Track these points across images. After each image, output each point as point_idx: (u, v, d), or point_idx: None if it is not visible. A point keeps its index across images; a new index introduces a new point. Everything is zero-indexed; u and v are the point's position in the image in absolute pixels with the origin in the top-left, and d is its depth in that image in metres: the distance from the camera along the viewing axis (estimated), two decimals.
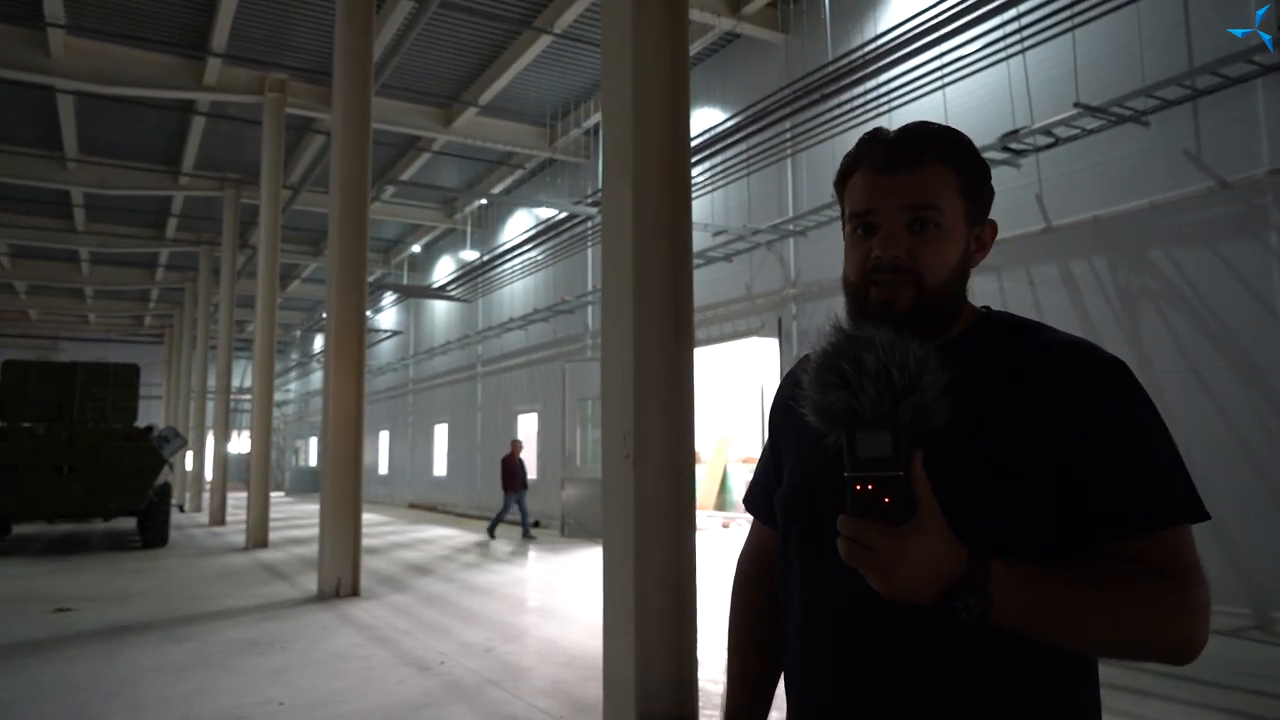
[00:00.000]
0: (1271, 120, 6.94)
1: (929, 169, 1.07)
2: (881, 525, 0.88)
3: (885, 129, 1.15)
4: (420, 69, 13.91)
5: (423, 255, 25.19)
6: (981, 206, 1.12)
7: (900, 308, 1.05)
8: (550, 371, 17.78)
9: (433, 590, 9.11)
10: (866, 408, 0.91)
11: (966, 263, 1.11)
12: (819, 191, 11.07)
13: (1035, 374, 1.04)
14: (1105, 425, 1.00)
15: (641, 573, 3.68)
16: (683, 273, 3.92)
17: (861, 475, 0.89)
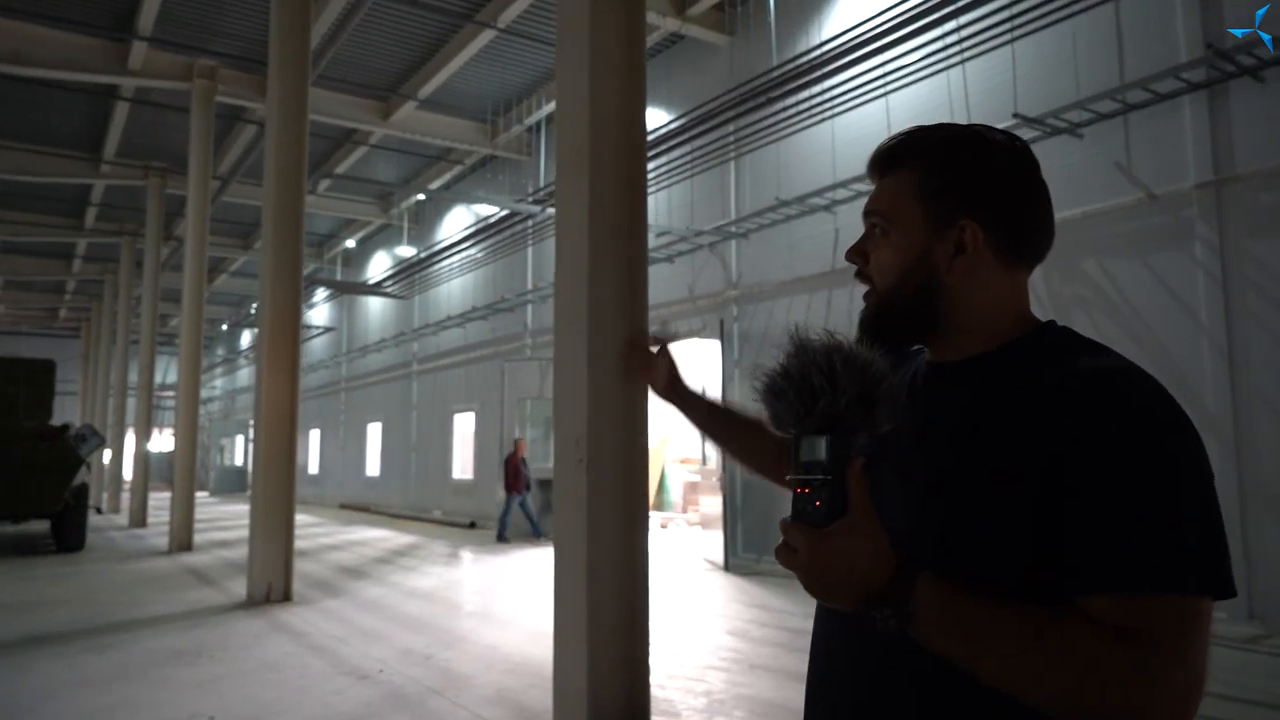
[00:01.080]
0: (1197, 136, 7.19)
1: (890, 175, 1.07)
2: (804, 526, 0.90)
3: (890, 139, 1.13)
4: (358, 60, 13.58)
5: (357, 250, 24.66)
6: (949, 205, 1.02)
7: (864, 315, 1.08)
8: (488, 370, 17.56)
9: (368, 594, 8.89)
10: (784, 411, 0.92)
11: (930, 268, 1.02)
12: (762, 194, 11.14)
13: (1048, 400, 0.92)
14: (1100, 471, 0.86)
15: (594, 582, 3.61)
16: (638, 275, 3.86)
17: (799, 479, 0.91)
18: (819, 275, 10.54)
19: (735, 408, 1.58)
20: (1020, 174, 1.05)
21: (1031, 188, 1.06)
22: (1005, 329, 1.03)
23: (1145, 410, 0.90)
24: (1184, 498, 0.86)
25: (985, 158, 1.04)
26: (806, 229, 10.70)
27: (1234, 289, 6.95)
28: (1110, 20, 7.67)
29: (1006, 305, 1.04)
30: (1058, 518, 0.88)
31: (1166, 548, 0.84)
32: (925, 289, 1.03)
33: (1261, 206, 6.85)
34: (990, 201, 1.03)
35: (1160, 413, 0.90)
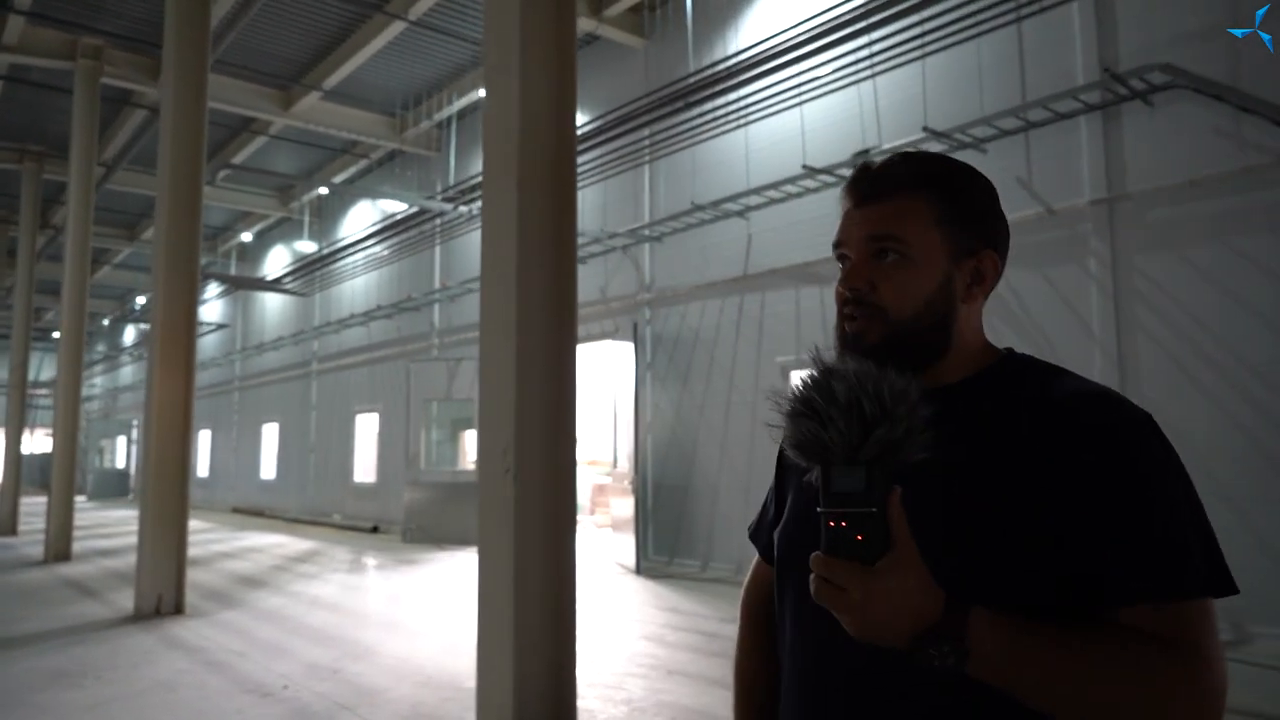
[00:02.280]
0: (1093, 154, 7.55)
1: (896, 199, 1.04)
2: (851, 564, 0.85)
3: (873, 160, 1.11)
4: (260, 46, 13.03)
5: (254, 244, 23.69)
6: (972, 235, 1.05)
7: (868, 340, 1.03)
8: (393, 370, 17.11)
9: (268, 605, 8.51)
10: (835, 439, 0.87)
11: (950, 296, 1.04)
12: (676, 198, 11.17)
13: (1052, 421, 0.96)
14: (1121, 483, 0.92)
15: (522, 595, 3.52)
16: (567, 282, 3.79)
17: (834, 511, 0.86)
18: (732, 280, 10.64)
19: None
20: (1001, 210, 1.11)
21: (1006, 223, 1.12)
22: (981, 354, 1.09)
23: (1141, 426, 0.96)
24: (1187, 505, 0.93)
25: (990, 191, 1.09)
26: (720, 234, 10.79)
27: (1124, 302, 7.33)
28: (1014, 41, 7.97)
29: (979, 331, 1.11)
30: (1081, 535, 0.91)
31: (1188, 555, 0.90)
32: (945, 316, 1.05)
33: (1150, 224, 7.23)
34: (999, 233, 1.08)
35: (1150, 428, 0.96)
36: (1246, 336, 6.66)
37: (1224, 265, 6.80)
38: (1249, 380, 6.66)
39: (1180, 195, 7.03)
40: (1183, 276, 7.01)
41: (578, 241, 12.01)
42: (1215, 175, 6.82)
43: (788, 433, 0.93)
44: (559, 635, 3.63)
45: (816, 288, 9.68)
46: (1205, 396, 6.86)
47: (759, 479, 10.18)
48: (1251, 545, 6.52)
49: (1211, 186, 6.85)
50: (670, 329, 11.54)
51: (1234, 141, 6.75)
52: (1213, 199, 6.86)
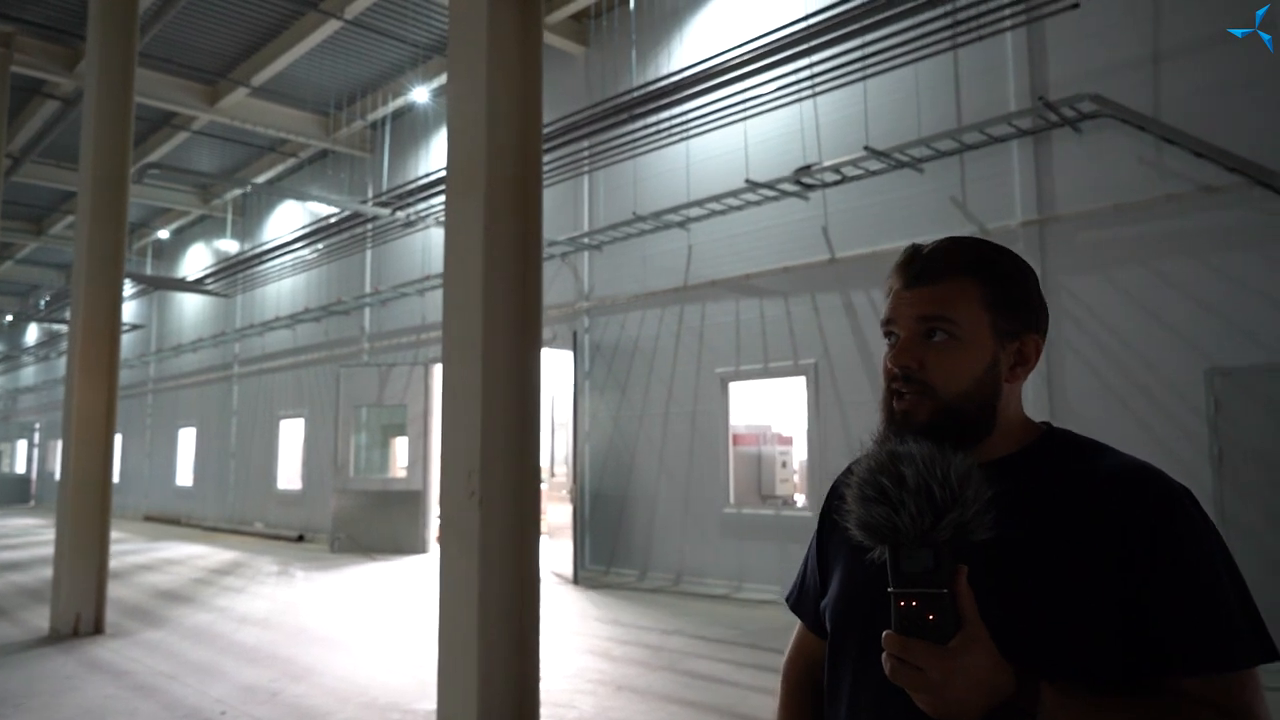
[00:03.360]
0: (1024, 177, 7.84)
1: (947, 281, 1.09)
2: (927, 644, 0.88)
3: (922, 245, 1.15)
4: (186, 40, 12.57)
5: (172, 242, 22.82)
6: (1017, 319, 1.10)
7: (918, 419, 1.06)
8: (320, 375, 16.69)
9: (195, 622, 8.20)
10: (908, 524, 0.91)
11: (996, 376, 1.08)
12: (617, 207, 11.19)
13: (1099, 498, 1.01)
14: (1171, 558, 0.97)
15: (486, 621, 3.47)
16: (532, 305, 3.75)
17: (906, 591, 0.89)
18: (672, 290, 10.70)
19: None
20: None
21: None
22: (1023, 431, 1.13)
23: (1182, 501, 1.01)
24: (1230, 575, 0.99)
25: (1031, 277, 1.13)
26: (661, 244, 10.84)
27: (1053, 319, 7.61)
28: (950, 66, 8.22)
29: (1020, 409, 1.15)
30: (1137, 609, 0.96)
31: (1239, 628, 0.97)
32: (991, 396, 1.08)
33: (1078, 245, 7.54)
34: (1041, 317, 1.13)
35: (1191, 503, 1.02)
36: (1165, 355, 7.00)
37: (1146, 287, 7.13)
38: (1167, 396, 7.00)
39: (1106, 219, 7.35)
40: (1108, 297, 7.33)
41: None
42: (1139, 202, 7.16)
43: (856, 514, 0.95)
44: (523, 662, 3.59)
45: (756, 300, 9.80)
46: (1127, 411, 7.19)
47: (697, 489, 10.26)
48: None
49: (1135, 212, 7.18)
50: (609, 338, 11.54)
51: (1156, 170, 7.10)
52: (1136, 224, 7.20)
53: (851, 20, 7.75)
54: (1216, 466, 6.68)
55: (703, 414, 10.33)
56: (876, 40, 7.80)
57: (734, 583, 9.69)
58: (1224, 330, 6.72)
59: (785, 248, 9.57)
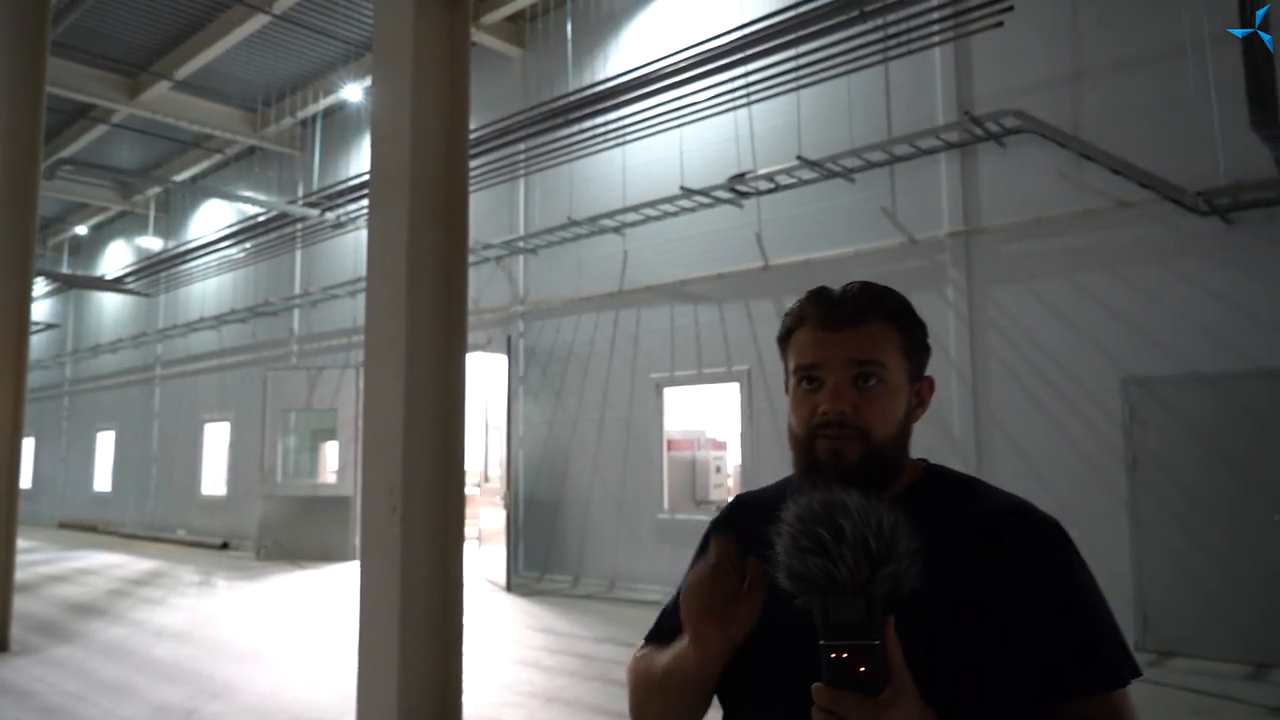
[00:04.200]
0: (951, 189, 8.02)
1: (871, 326, 1.12)
2: (858, 697, 0.88)
3: (830, 288, 1.16)
4: (103, 29, 12.11)
5: (90, 239, 21.97)
6: (919, 365, 1.16)
7: (848, 461, 1.08)
8: (247, 377, 16.24)
9: (108, 637, 7.88)
10: (845, 576, 0.90)
11: (909, 419, 1.14)
12: (552, 211, 11.12)
13: (989, 537, 1.08)
14: (1058, 590, 1.05)
15: (407, 635, 3.39)
16: (457, 316, 3.69)
17: (837, 643, 0.89)
18: (607, 295, 10.67)
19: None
20: None
21: None
22: (911, 466, 1.18)
23: (1062, 535, 1.10)
24: (1104, 603, 1.08)
25: (922, 322, 1.19)
26: (596, 249, 10.81)
27: (978, 328, 7.80)
28: (881, 79, 8.36)
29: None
30: (1035, 642, 1.02)
31: (1121, 648, 1.06)
32: (906, 438, 1.15)
33: (1002, 257, 7.74)
34: (926, 363, 1.20)
35: (1066, 536, 1.11)
36: (1084, 364, 7.22)
37: (1066, 298, 7.35)
38: (1085, 405, 7.22)
39: (1028, 232, 7.55)
40: (1030, 307, 7.54)
41: None
42: (1059, 215, 7.37)
43: (789, 564, 0.93)
44: (445, 679, 3.53)
45: (691, 306, 9.84)
46: (1046, 417, 7.39)
47: (631, 496, 10.25)
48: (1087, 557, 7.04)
49: (1056, 225, 7.40)
50: (544, 342, 11.47)
51: (1075, 185, 7.32)
52: (1057, 237, 7.41)
53: (786, 30, 7.82)
54: (1131, 473, 6.91)
55: (637, 419, 10.32)
56: (810, 51, 7.89)
57: (668, 588, 9.68)
58: (1138, 341, 6.96)
59: (720, 254, 9.62)
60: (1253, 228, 6.57)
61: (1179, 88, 6.82)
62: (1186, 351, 6.73)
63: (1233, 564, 6.45)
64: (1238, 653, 6.34)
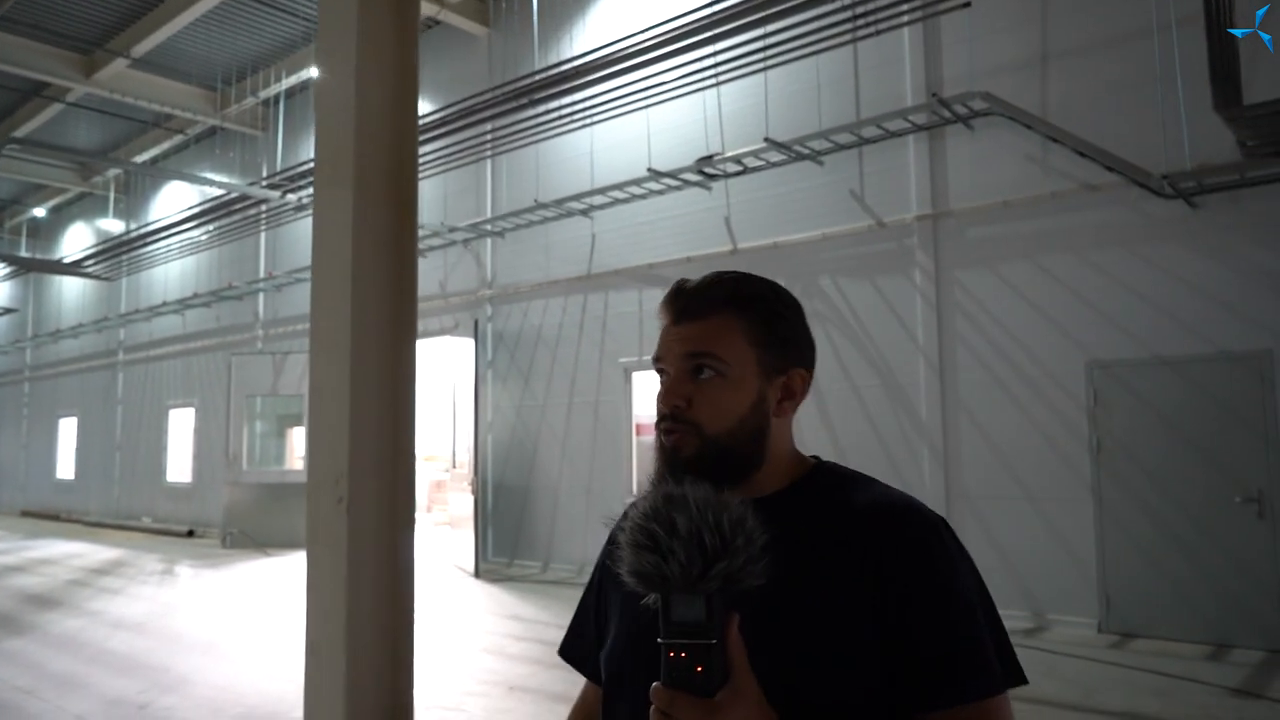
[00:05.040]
0: (919, 172, 7.96)
1: (712, 318, 1.08)
2: (692, 697, 0.85)
3: (687, 281, 1.13)
4: (56, 4, 11.74)
5: (49, 221, 21.47)
6: (783, 355, 1.10)
7: (684, 454, 1.06)
8: (212, 362, 15.98)
9: (63, 629, 7.71)
10: (676, 572, 0.87)
11: (763, 412, 1.08)
12: (520, 194, 10.96)
13: (855, 534, 1.02)
14: (926, 594, 0.99)
15: (354, 636, 3.28)
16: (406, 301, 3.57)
17: (675, 642, 0.86)
18: (575, 279, 10.56)
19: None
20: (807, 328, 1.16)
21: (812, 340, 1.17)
22: (793, 464, 1.12)
23: (937, 534, 1.03)
24: (982, 607, 1.02)
25: (798, 313, 1.13)
26: (564, 232, 10.68)
27: (945, 313, 7.78)
28: (850, 61, 8.28)
29: (791, 442, 1.15)
30: (894, 647, 0.97)
31: (990, 658, 0.99)
32: (758, 432, 1.08)
33: (968, 240, 7.71)
34: (806, 354, 1.13)
35: (947, 534, 1.04)
36: (1049, 348, 7.22)
37: (1031, 282, 7.34)
38: (1049, 387, 7.23)
39: (995, 215, 7.53)
40: (997, 291, 7.52)
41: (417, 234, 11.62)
42: (1026, 198, 7.35)
43: (627, 561, 0.90)
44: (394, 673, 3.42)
45: (659, 290, 9.68)
46: (1012, 401, 7.40)
47: (600, 481, 10.18)
48: (1046, 536, 7.09)
49: (1022, 208, 7.37)
50: (512, 326, 11.34)
51: (1042, 168, 7.29)
52: (1023, 220, 7.39)
53: (754, 9, 7.71)
54: (1095, 457, 6.93)
55: (606, 404, 10.24)
56: (778, 30, 7.79)
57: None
58: (1102, 325, 6.96)
59: (688, 238, 9.53)
60: (1216, 211, 6.58)
61: (1145, 70, 6.80)
62: (1150, 335, 6.74)
63: (1194, 546, 6.50)
64: (1198, 634, 6.39)
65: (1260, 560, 6.26)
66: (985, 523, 7.36)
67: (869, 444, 8.02)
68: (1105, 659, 6.08)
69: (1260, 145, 5.80)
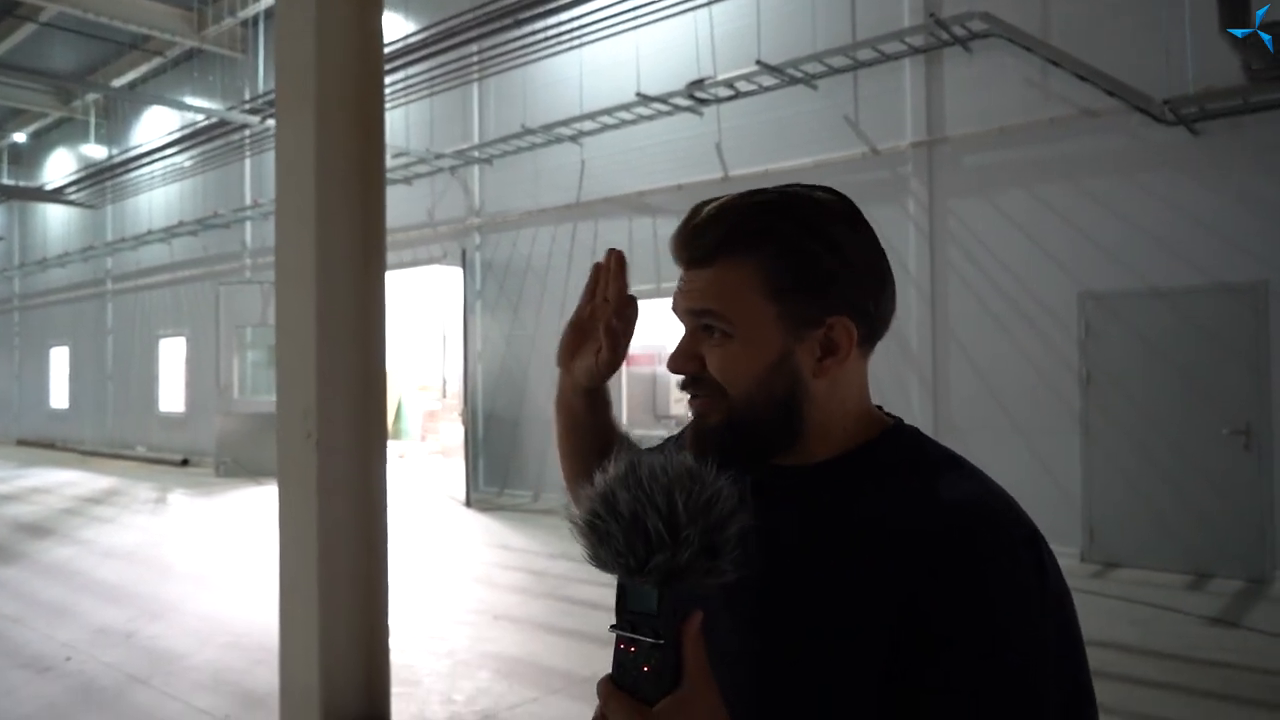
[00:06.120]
0: (915, 98, 7.74)
1: (719, 264, 0.86)
2: (630, 701, 0.71)
3: (700, 209, 0.89)
4: None
5: (30, 147, 21.01)
6: (818, 303, 0.86)
7: (710, 421, 0.88)
8: (200, 291, 15.80)
9: (53, 558, 7.76)
10: (609, 559, 0.73)
11: (792, 375, 0.86)
12: (507, 119, 10.68)
13: (904, 543, 0.78)
14: (944, 625, 0.75)
15: (326, 570, 3.28)
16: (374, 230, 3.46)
17: (624, 634, 0.73)
18: (564, 207, 10.37)
19: (626, 442, 1.12)
20: (871, 247, 0.89)
21: (882, 259, 0.90)
22: (855, 427, 0.90)
23: (999, 553, 0.78)
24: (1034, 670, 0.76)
25: (836, 239, 0.86)
26: (553, 159, 10.45)
27: (938, 242, 7.65)
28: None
29: (856, 399, 0.92)
30: (896, 678, 0.75)
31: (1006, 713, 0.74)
32: (791, 397, 0.86)
33: (964, 168, 7.53)
34: (855, 292, 0.87)
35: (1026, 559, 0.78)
36: (1042, 279, 7.11)
37: (1026, 211, 7.19)
38: (1041, 318, 7.15)
39: (992, 142, 7.34)
40: (991, 220, 7.38)
41: (402, 161, 11.35)
42: (1023, 124, 7.15)
43: (584, 545, 0.76)
44: (371, 613, 3.43)
45: (649, 218, 9.58)
46: (1003, 332, 7.32)
47: None
48: (1032, 467, 7.09)
49: (1019, 135, 7.18)
50: (501, 256, 11.18)
51: (1041, 93, 7.08)
52: (1020, 147, 7.20)
53: None
54: (1084, 388, 6.89)
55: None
56: None
57: None
58: (1096, 255, 6.85)
59: (679, 165, 9.32)
60: (1217, 139, 6.40)
61: None
62: (1144, 266, 6.63)
63: (1179, 477, 6.50)
64: (1179, 564, 6.44)
65: (1245, 492, 6.27)
66: (972, 454, 7.17)
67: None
68: (1086, 589, 6.13)
69: (1266, 69, 5.61)
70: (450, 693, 4.45)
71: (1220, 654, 4.83)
